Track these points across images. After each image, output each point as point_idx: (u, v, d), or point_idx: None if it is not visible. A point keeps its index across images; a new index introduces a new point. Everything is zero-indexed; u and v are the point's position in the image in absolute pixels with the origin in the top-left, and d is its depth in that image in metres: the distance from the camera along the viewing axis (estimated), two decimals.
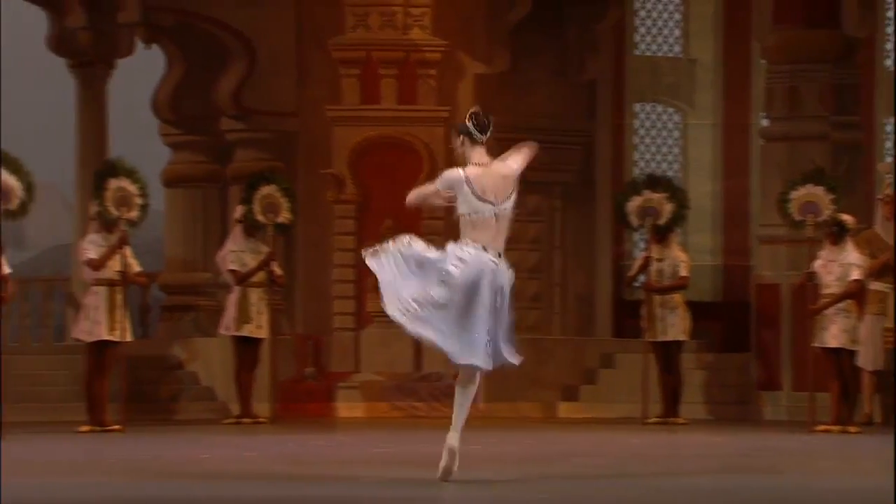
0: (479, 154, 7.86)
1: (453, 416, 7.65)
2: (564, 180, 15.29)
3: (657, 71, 16.18)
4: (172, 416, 14.27)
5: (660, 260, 13.58)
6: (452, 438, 7.59)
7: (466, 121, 7.99)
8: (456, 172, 7.81)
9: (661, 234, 13.59)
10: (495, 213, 7.73)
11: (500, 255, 7.75)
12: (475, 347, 7.57)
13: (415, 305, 7.48)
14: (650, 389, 13.44)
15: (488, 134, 7.91)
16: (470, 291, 7.60)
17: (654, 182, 13.81)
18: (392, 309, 7.56)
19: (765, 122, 15.02)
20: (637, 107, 16.18)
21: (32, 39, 17.59)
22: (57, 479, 7.87)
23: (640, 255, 14.13)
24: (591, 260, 15.45)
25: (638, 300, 14.12)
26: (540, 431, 11.97)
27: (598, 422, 13.64)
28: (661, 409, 13.42)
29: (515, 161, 7.94)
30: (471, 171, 7.80)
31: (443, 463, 7.64)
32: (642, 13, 16.26)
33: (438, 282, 7.56)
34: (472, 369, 7.69)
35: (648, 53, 16.21)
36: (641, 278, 13.86)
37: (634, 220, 13.68)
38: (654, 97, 16.25)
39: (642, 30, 16.27)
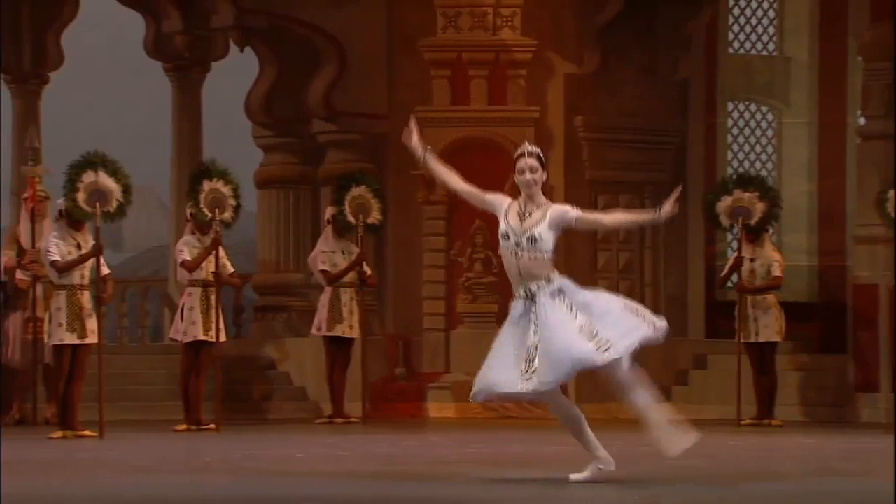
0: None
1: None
2: (655, 180, 15.14)
3: (751, 69, 15.98)
4: (265, 416, 14.31)
5: (752, 260, 13.40)
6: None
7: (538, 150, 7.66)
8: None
9: (752, 234, 13.40)
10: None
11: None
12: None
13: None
14: (744, 391, 13.26)
15: None
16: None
17: (745, 181, 13.62)
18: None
19: (861, 121, 14.77)
20: (730, 105, 15.99)
21: (130, 44, 17.77)
22: (155, 476, 7.89)
23: (732, 256, 13.96)
24: (682, 260, 15.28)
25: (731, 301, 13.94)
26: (632, 432, 11.82)
27: (690, 423, 13.43)
28: (756, 410, 13.24)
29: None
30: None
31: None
32: (736, 11, 16.06)
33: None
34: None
35: (742, 52, 16.02)
36: (734, 278, 13.69)
37: (725, 220, 13.50)
38: (747, 96, 16.05)
39: (736, 27, 16.08)
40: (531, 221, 7.50)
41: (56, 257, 11.30)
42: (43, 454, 9.73)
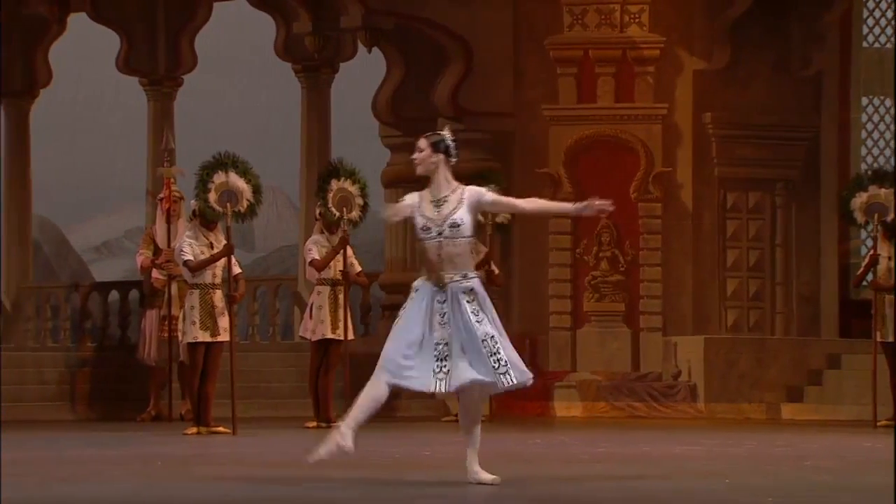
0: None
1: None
2: (787, 177, 14.81)
3: (886, 63, 15.53)
4: (393, 414, 14.24)
5: (889, 258, 13.00)
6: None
7: (449, 138, 7.28)
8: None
9: (889, 231, 13.01)
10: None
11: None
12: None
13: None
14: (880, 391, 12.87)
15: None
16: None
17: (881, 177, 13.20)
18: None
19: None
20: (864, 100, 15.57)
21: (260, 46, 17.84)
22: (288, 472, 7.84)
23: (867, 253, 13.58)
24: (815, 258, 14.91)
25: (865, 299, 13.56)
26: (763, 433, 11.54)
27: (824, 424, 13.12)
28: (893, 411, 12.85)
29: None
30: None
31: None
32: (870, 3, 15.61)
33: None
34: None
35: (877, 45, 15.58)
36: (869, 277, 13.31)
37: (860, 217, 13.11)
38: (882, 90, 15.61)
39: (870, 21, 15.64)
40: (449, 207, 7.18)
41: (189, 257, 11.32)
42: (178, 450, 9.74)
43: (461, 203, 7.16)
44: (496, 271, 13.47)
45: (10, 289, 16.74)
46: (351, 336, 12.44)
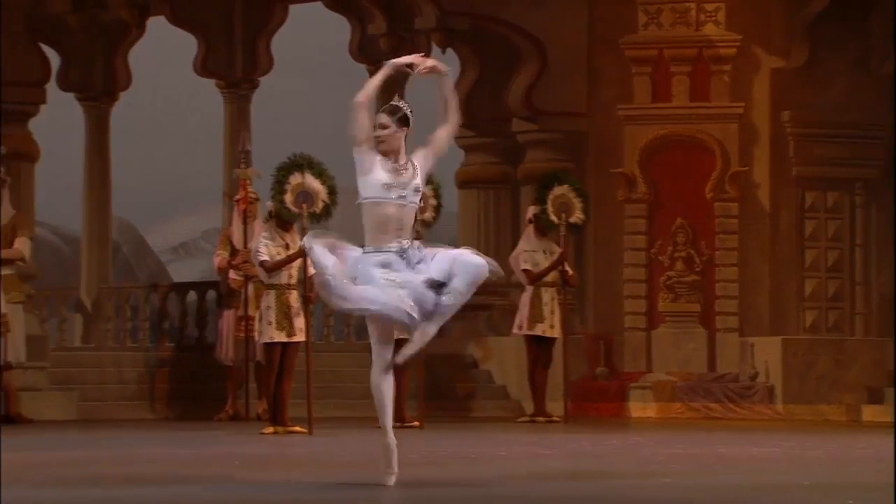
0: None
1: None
2: (866, 176, 14.57)
3: None
4: (468, 414, 14.18)
5: None
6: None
7: (407, 108, 7.10)
8: None
9: None
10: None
11: None
12: None
13: None
14: None
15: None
16: None
17: None
18: None
19: None
20: None
21: (335, 47, 17.85)
22: (364, 472, 7.80)
23: None
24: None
25: None
26: (843, 435, 11.34)
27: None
28: None
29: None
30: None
31: None
32: None
33: None
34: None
35: None
36: None
37: None
38: None
39: None
40: (409, 174, 7.06)
41: (265, 257, 11.32)
42: (256, 449, 9.74)
43: (417, 169, 7.09)
44: (570, 272, 13.36)
45: (91, 289, 16.86)
46: None
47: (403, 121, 7.14)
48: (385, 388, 7.33)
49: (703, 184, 14.48)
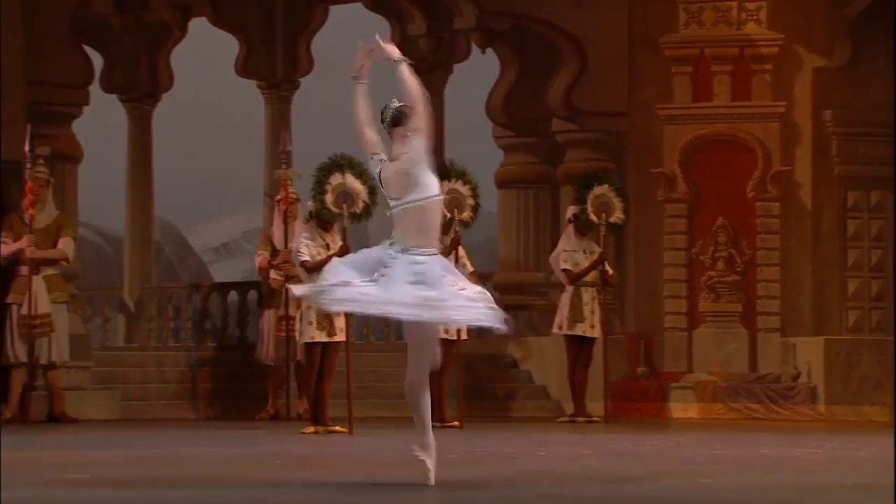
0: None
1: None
2: None
3: None
4: (508, 414, 14.12)
5: None
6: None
7: (393, 107, 6.97)
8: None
9: None
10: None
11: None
12: None
13: None
14: None
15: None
16: None
17: None
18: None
19: None
20: None
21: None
22: (404, 472, 7.75)
23: None
24: None
25: None
26: (887, 436, 11.19)
27: None
28: None
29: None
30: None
31: None
32: None
33: None
34: None
35: None
36: None
37: None
38: None
39: None
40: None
41: (306, 257, 11.29)
42: (297, 449, 9.72)
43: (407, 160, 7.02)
44: (610, 272, 13.27)
45: (134, 289, 16.89)
46: (465, 336, 12.33)
47: (395, 121, 6.98)
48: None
49: (744, 183, 14.37)
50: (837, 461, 8.72)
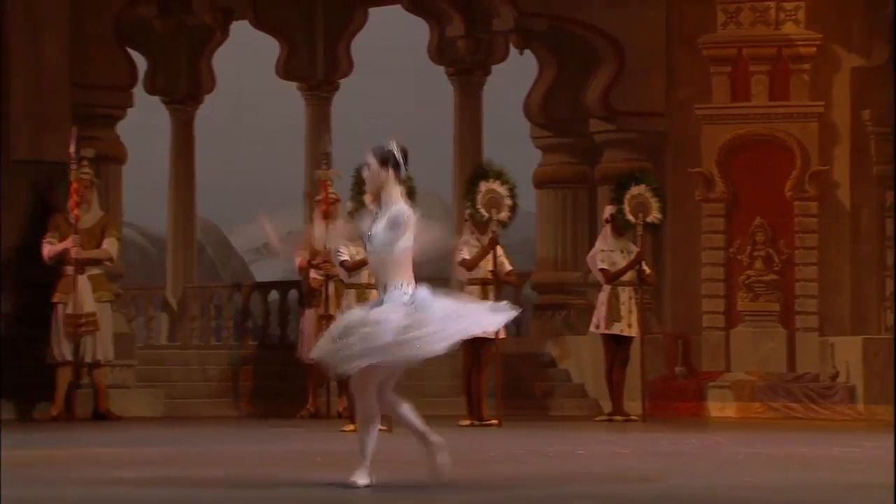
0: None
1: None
2: None
3: None
4: (546, 412, 14.10)
5: None
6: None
7: (396, 152, 6.73)
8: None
9: None
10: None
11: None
12: None
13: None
14: None
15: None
16: None
17: None
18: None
19: None
20: None
21: (414, 49, 17.83)
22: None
23: None
24: None
25: None
26: None
27: None
28: None
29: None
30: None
31: None
32: None
33: None
34: None
35: None
36: None
37: None
38: None
39: None
40: (377, 222, 6.80)
41: (345, 257, 11.31)
42: (337, 446, 9.73)
43: (383, 218, 6.81)
44: (648, 271, 13.23)
45: (176, 289, 16.97)
46: (503, 335, 12.33)
47: (385, 161, 6.77)
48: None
49: (782, 183, 14.29)
50: (876, 460, 8.65)
